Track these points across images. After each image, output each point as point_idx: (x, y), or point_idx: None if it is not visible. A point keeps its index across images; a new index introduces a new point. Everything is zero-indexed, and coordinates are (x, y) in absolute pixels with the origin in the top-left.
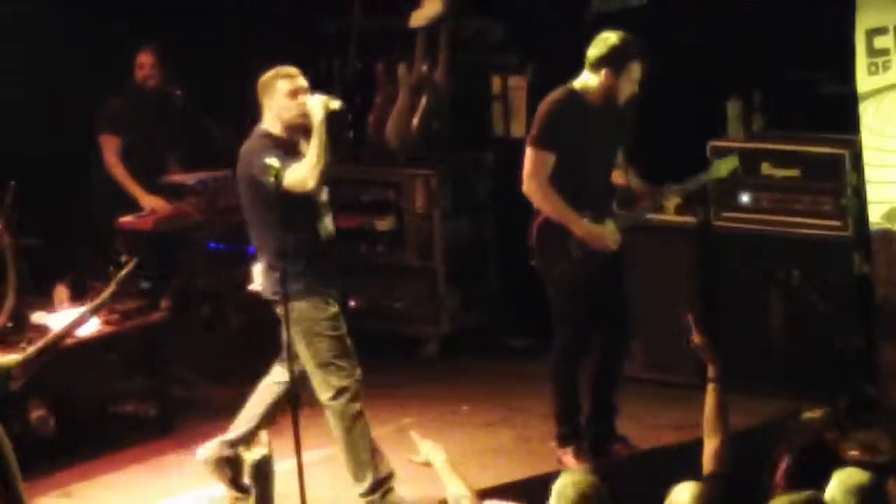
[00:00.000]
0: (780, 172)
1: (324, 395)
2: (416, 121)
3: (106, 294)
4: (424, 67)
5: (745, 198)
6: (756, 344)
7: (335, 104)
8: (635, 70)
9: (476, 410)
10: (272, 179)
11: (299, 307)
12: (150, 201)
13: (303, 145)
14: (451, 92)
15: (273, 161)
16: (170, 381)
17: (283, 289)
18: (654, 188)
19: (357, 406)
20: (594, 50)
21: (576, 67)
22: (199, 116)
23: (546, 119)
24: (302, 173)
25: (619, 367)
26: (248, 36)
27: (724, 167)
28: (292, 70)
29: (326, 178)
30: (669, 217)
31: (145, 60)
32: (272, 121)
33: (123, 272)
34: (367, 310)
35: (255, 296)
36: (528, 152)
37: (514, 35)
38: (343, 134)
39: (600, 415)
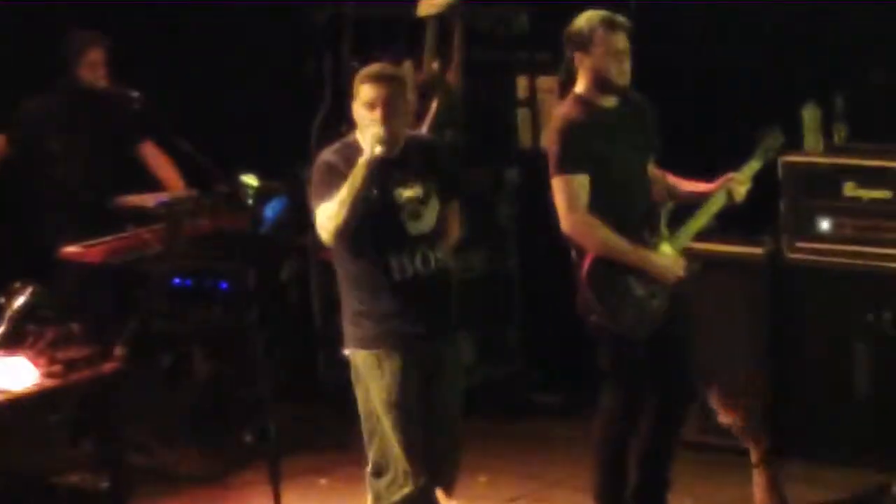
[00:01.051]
0: (868, 193)
1: (369, 464)
2: (424, 130)
3: None
4: (435, 65)
5: (824, 224)
6: (838, 402)
7: (379, 149)
8: (608, 39)
9: (496, 482)
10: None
11: (354, 359)
12: None
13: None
14: (466, 95)
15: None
16: (124, 446)
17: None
18: (706, 188)
19: (399, 496)
20: (566, 44)
21: None
22: (161, 126)
23: (566, 138)
24: (320, 221)
25: (677, 435)
26: (221, 27)
27: (771, 147)
28: (384, 72)
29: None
30: (733, 248)
31: (97, 57)
32: (359, 130)
33: (16, 305)
34: None
35: (227, 341)
36: (558, 183)
37: (544, 26)
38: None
39: (650, 490)
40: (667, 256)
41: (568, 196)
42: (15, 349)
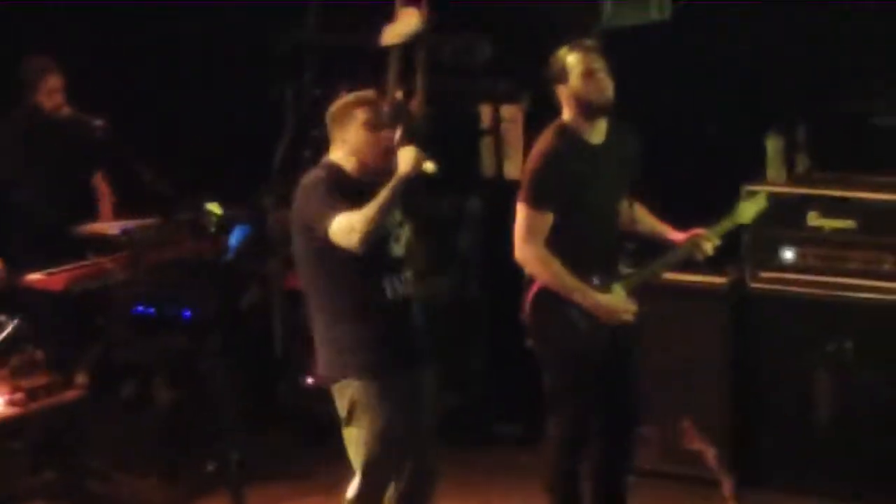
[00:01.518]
0: (830, 223)
1: (349, 491)
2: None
3: None
4: (398, 94)
5: (787, 254)
6: (801, 432)
7: (430, 166)
8: (581, 65)
9: None
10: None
11: (352, 387)
12: None
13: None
14: (430, 124)
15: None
16: (85, 474)
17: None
18: (674, 236)
19: None
20: (549, 83)
21: None
22: (123, 153)
23: (540, 172)
24: (350, 225)
25: (627, 460)
26: (179, 55)
27: (749, 210)
28: (372, 96)
29: (377, 239)
30: (695, 277)
31: (55, 84)
32: (345, 156)
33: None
34: (326, 389)
35: (190, 369)
36: (522, 212)
37: (507, 55)
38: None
39: None
40: (615, 298)
41: (527, 227)
42: None
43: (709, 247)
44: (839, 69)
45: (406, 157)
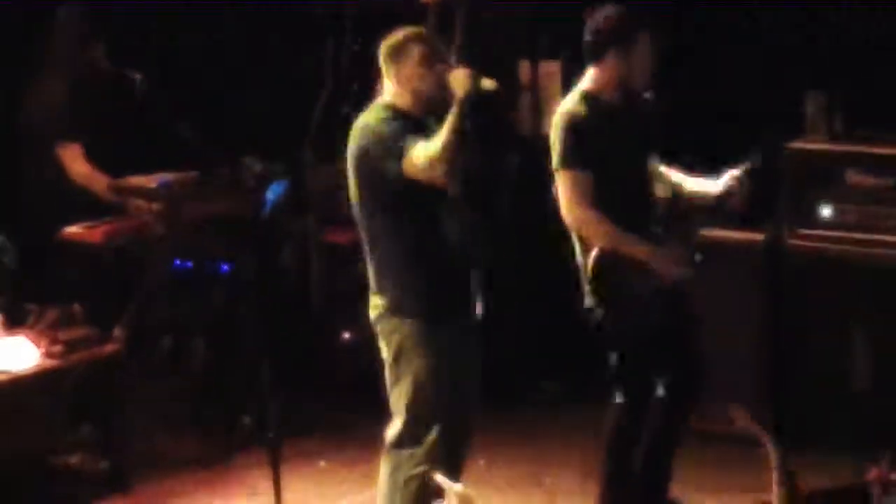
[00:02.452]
0: (869, 181)
1: (389, 434)
2: None
3: None
4: None
5: (825, 211)
6: (837, 393)
7: (488, 83)
8: (647, 45)
9: (496, 466)
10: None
11: (402, 328)
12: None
13: (436, 127)
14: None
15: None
16: (123, 429)
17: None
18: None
19: (419, 470)
20: (592, 35)
21: None
22: (163, 109)
23: (569, 134)
24: (428, 154)
25: (683, 428)
26: (219, 12)
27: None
28: (424, 32)
29: (455, 173)
30: (733, 234)
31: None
32: (400, 92)
33: None
34: (364, 344)
35: (227, 324)
36: (562, 178)
37: (545, 12)
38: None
39: (652, 481)
40: (673, 251)
41: (573, 191)
42: (16, 329)
43: (743, 193)
44: (882, 31)
45: (460, 80)
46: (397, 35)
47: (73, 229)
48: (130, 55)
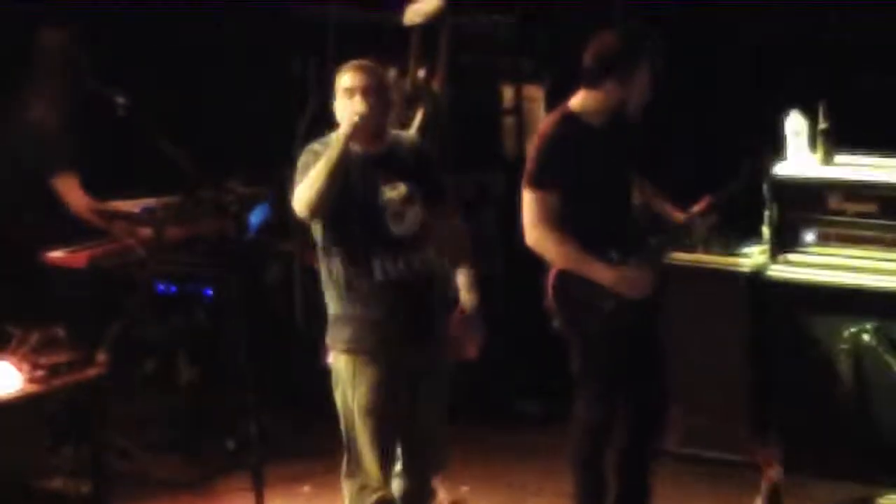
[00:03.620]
0: (853, 206)
1: (345, 465)
2: None
3: None
4: (421, 73)
5: (809, 236)
6: (821, 417)
7: (357, 118)
8: (646, 72)
9: (477, 491)
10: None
11: (337, 363)
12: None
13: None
14: (452, 103)
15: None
16: (106, 451)
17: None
18: (671, 214)
19: (373, 498)
20: (592, 60)
21: None
22: (146, 130)
23: (541, 154)
24: (298, 192)
25: (654, 443)
26: (206, 31)
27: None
28: (363, 64)
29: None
30: (717, 259)
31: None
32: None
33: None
34: None
35: (211, 347)
36: (526, 196)
37: (529, 35)
38: None
39: (631, 499)
40: (632, 271)
41: (534, 210)
42: None
43: (701, 231)
44: (865, 46)
45: (346, 114)
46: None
47: (56, 253)
48: (108, 75)
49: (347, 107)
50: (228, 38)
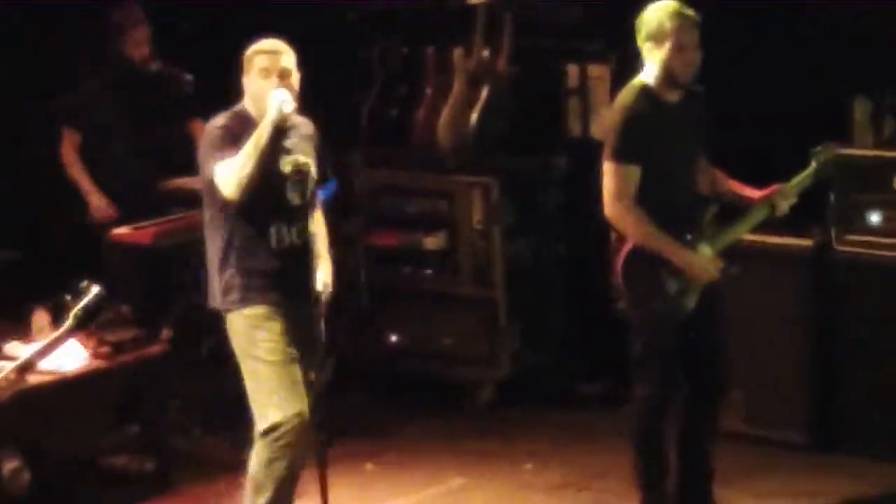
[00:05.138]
0: None
1: (259, 425)
2: (473, 118)
3: (60, 332)
4: (485, 53)
5: (873, 217)
6: (886, 396)
7: (288, 107)
8: (681, 34)
9: (541, 471)
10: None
11: (236, 322)
12: (95, 200)
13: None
14: (516, 83)
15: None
16: (169, 429)
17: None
18: (751, 194)
19: (289, 450)
20: (637, 33)
21: None
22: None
23: (625, 127)
24: (224, 174)
25: (715, 423)
26: (270, 13)
27: (821, 157)
28: (276, 45)
29: (253, 188)
30: (781, 240)
31: (142, 36)
32: (250, 101)
33: (81, 304)
34: (410, 347)
35: None
36: (609, 168)
37: (595, 14)
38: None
39: (693, 480)
40: (703, 257)
41: (616, 183)
42: None
43: (785, 205)
44: None
45: (274, 99)
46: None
47: (121, 230)
48: (175, 54)
49: (266, 88)
50: (293, 20)
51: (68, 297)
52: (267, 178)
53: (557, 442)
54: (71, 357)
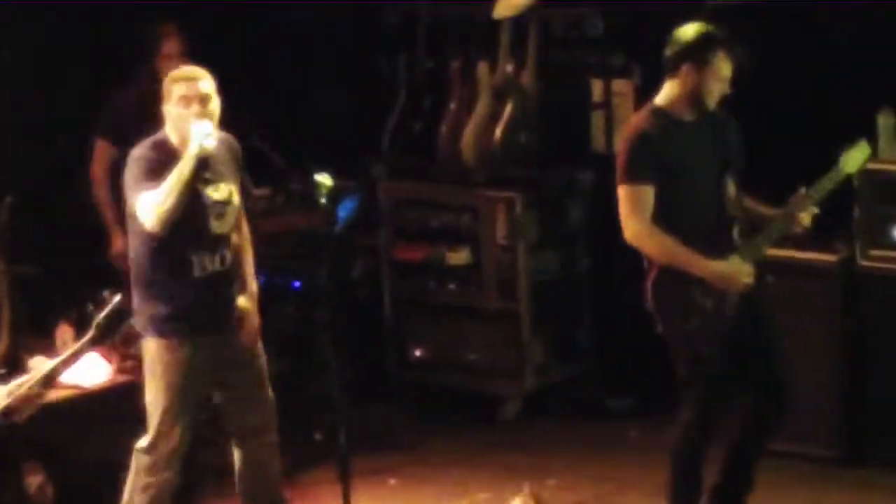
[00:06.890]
0: None
1: (142, 440)
2: (498, 132)
3: (82, 343)
4: (509, 67)
5: None
6: None
7: (210, 142)
8: (723, 64)
9: (565, 486)
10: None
11: (150, 345)
12: (118, 243)
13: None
14: (541, 98)
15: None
16: (192, 443)
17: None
18: (777, 210)
19: (151, 479)
20: (670, 49)
21: None
22: (237, 124)
23: (633, 149)
24: (146, 206)
25: (768, 439)
26: (295, 26)
27: (854, 159)
28: (194, 72)
29: (174, 219)
30: (806, 255)
31: (172, 49)
32: (171, 129)
33: (103, 314)
34: (435, 361)
35: (299, 339)
36: (622, 191)
37: (619, 29)
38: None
39: (733, 489)
40: (732, 265)
41: (631, 204)
42: None
43: (805, 217)
44: None
45: (196, 132)
46: (171, 73)
47: None
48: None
49: (186, 116)
50: (317, 33)
51: (91, 308)
52: (189, 208)
53: (583, 456)
54: (95, 371)
